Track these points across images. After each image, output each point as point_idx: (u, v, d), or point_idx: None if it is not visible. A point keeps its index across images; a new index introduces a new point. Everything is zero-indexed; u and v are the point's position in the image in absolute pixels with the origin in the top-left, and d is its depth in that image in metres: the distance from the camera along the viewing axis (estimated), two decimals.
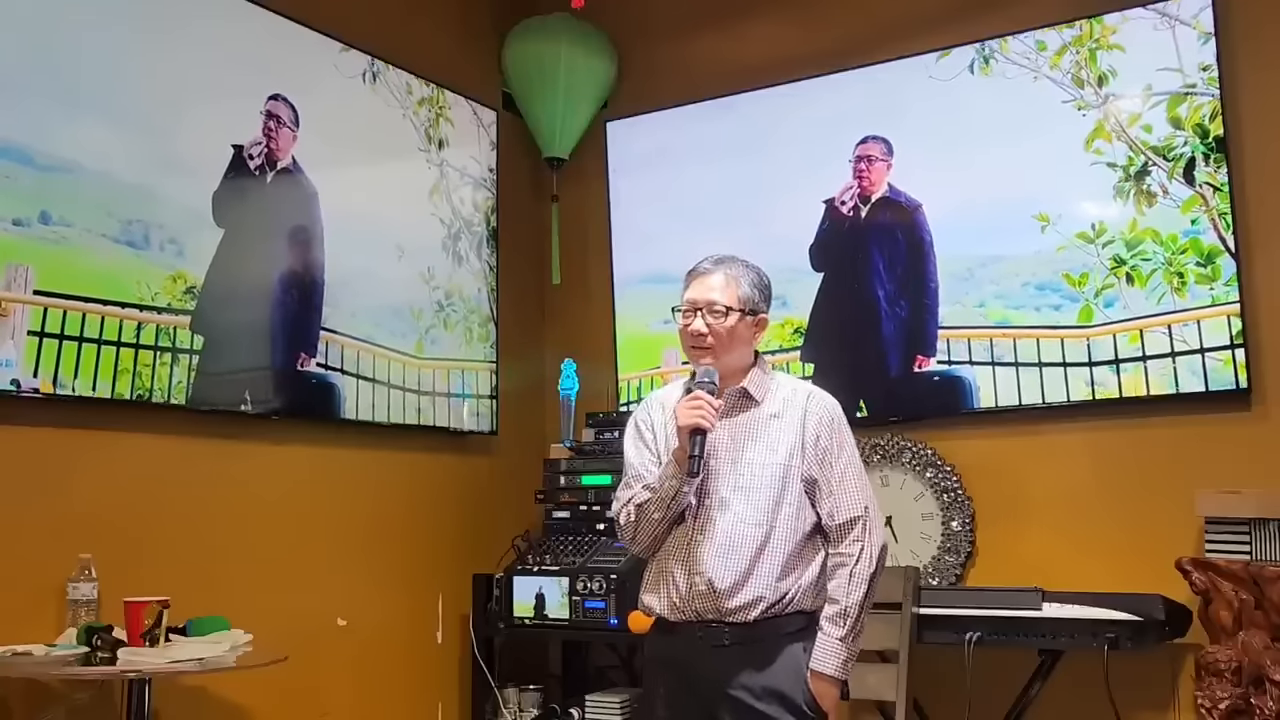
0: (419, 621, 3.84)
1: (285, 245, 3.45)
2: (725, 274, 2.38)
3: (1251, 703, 2.79)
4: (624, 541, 2.47)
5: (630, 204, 4.32)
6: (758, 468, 2.35)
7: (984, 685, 3.04)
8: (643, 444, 2.44)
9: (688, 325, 2.37)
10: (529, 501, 4.06)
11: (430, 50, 4.09)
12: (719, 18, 4.24)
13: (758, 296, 2.40)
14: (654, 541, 2.39)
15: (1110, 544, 3.39)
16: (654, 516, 2.34)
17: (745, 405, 2.40)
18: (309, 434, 3.52)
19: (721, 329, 2.35)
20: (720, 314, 2.35)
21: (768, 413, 2.39)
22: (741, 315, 2.37)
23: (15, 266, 2.72)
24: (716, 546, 2.31)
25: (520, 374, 4.35)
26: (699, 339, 2.35)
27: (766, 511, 2.32)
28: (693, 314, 2.37)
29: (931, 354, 3.70)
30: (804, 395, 2.42)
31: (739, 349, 2.39)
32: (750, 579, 2.29)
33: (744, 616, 2.29)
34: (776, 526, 2.32)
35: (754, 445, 2.37)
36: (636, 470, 2.41)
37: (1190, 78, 3.37)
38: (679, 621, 2.35)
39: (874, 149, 3.87)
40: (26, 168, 2.77)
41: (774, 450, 2.35)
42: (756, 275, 2.43)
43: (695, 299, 2.37)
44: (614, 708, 3.59)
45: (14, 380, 2.71)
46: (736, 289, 2.37)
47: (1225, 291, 3.28)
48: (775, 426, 2.38)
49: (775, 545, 2.31)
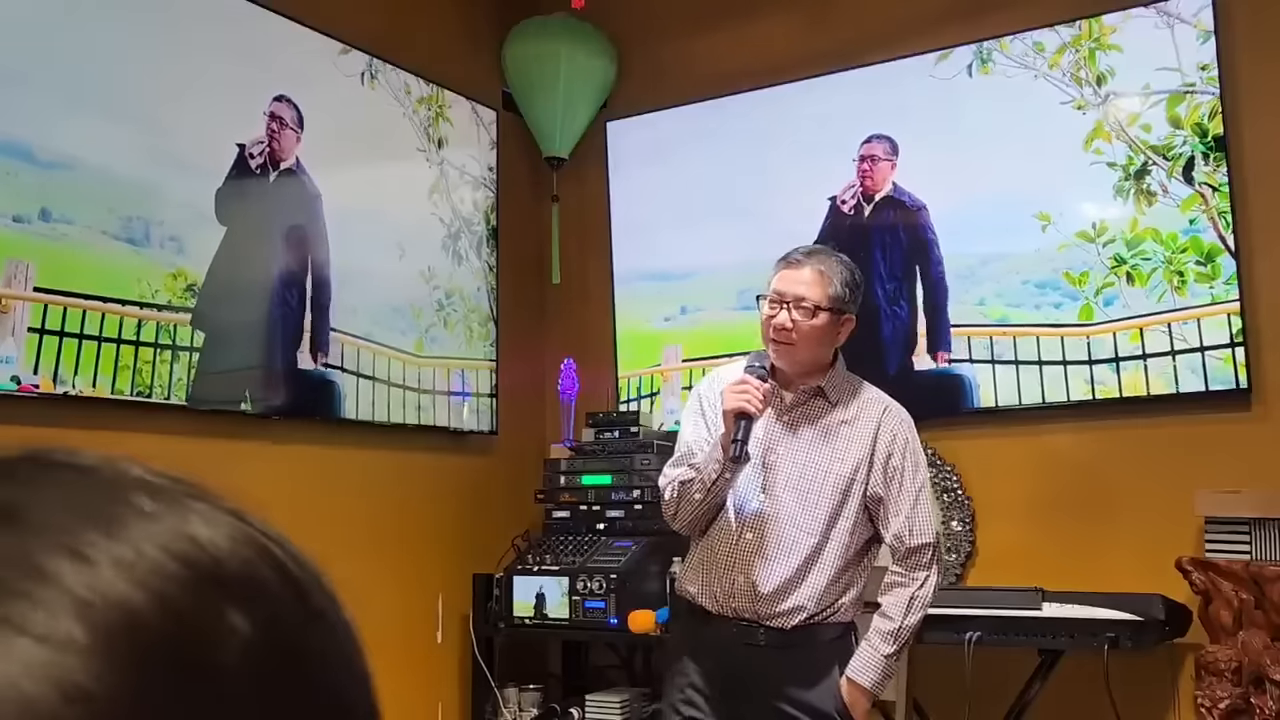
0: (419, 621, 3.83)
1: (286, 244, 3.45)
2: (817, 268, 2.27)
3: (1251, 702, 2.79)
4: (667, 517, 2.38)
5: (630, 203, 4.32)
6: (820, 474, 2.26)
7: (984, 685, 3.04)
8: (702, 421, 2.34)
9: (772, 316, 2.26)
10: (529, 501, 4.06)
11: (430, 50, 4.09)
12: (720, 18, 4.24)
13: (848, 295, 2.30)
14: (694, 522, 2.31)
15: (1110, 544, 3.39)
16: (695, 498, 2.25)
17: (817, 404, 2.32)
18: (309, 433, 3.52)
19: (807, 326, 2.24)
20: (808, 311, 2.24)
21: (839, 417, 2.30)
22: (830, 314, 2.27)
23: (16, 263, 2.72)
24: (766, 548, 2.23)
25: (520, 373, 4.35)
26: (783, 333, 2.25)
27: (823, 522, 2.24)
28: (779, 305, 2.26)
29: (947, 350, 3.68)
30: (880, 407, 2.33)
31: (819, 348, 2.29)
32: (795, 588, 2.22)
33: (783, 623, 2.23)
34: (831, 540, 2.24)
35: (820, 449, 2.28)
36: (689, 447, 2.32)
37: (1189, 77, 3.37)
38: (715, 613, 2.28)
39: (878, 148, 3.86)
40: (27, 164, 2.77)
41: (841, 459, 2.27)
42: (850, 273, 2.32)
43: (784, 291, 2.27)
44: (614, 708, 3.59)
45: (14, 377, 2.71)
46: (828, 286, 2.26)
47: (1225, 290, 3.28)
48: (845, 433, 2.29)
49: (826, 559, 2.24)
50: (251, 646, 0.34)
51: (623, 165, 4.35)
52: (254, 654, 0.34)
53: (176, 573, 0.34)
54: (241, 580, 0.36)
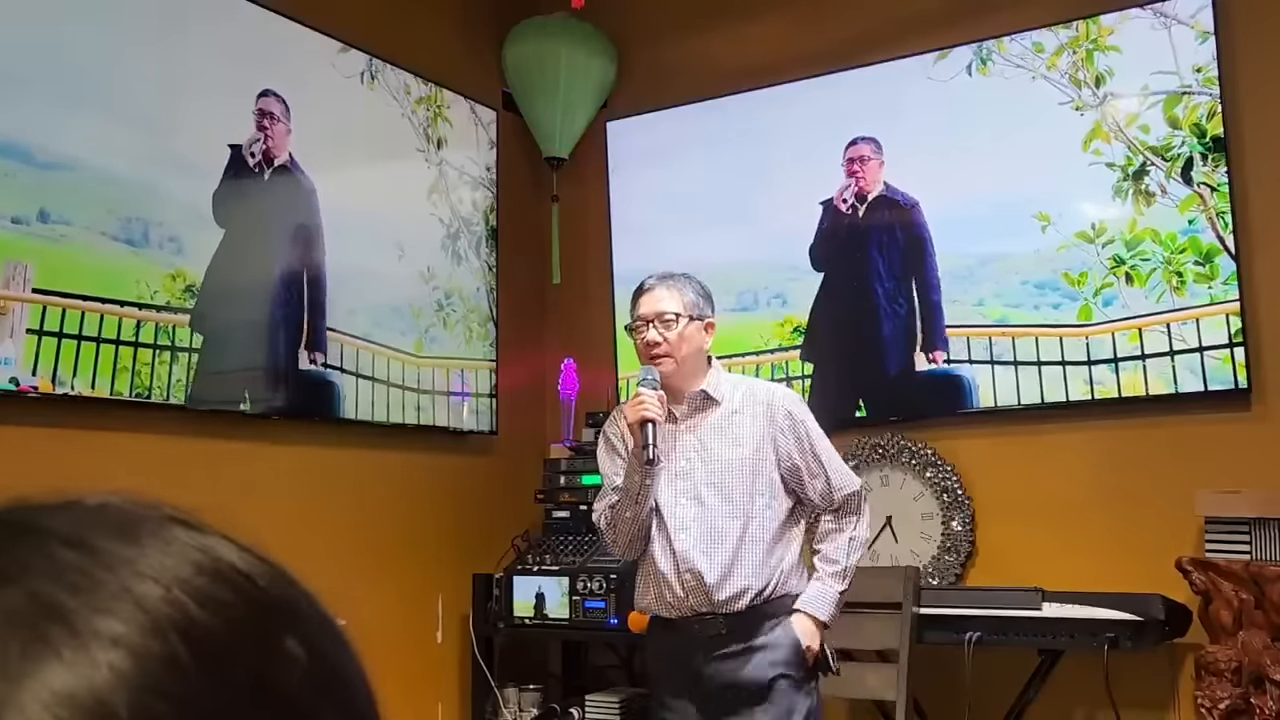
0: (419, 621, 3.83)
1: (284, 243, 3.45)
2: (667, 287, 2.54)
3: (1251, 702, 2.79)
4: (609, 547, 2.61)
5: (630, 203, 4.32)
6: (727, 462, 2.47)
7: (984, 685, 3.04)
8: (615, 454, 2.57)
9: (642, 338, 2.52)
10: (529, 501, 4.06)
11: (429, 50, 4.09)
12: (720, 18, 4.24)
13: (702, 302, 2.56)
14: (633, 542, 2.52)
15: (1110, 544, 3.39)
16: (626, 515, 2.47)
17: (707, 406, 2.53)
18: (308, 433, 3.52)
19: (674, 336, 2.48)
20: (670, 322, 2.49)
21: (729, 410, 2.52)
22: (690, 320, 2.51)
23: (14, 264, 2.72)
24: (699, 541, 2.43)
25: (520, 373, 4.35)
26: (654, 348, 2.49)
27: (741, 504, 2.45)
28: (645, 327, 2.51)
29: (944, 349, 3.69)
30: (764, 391, 2.57)
31: (692, 354, 2.52)
32: (735, 569, 2.42)
33: (735, 606, 2.42)
34: (753, 516, 2.44)
35: (721, 442, 2.49)
36: (609, 478, 2.55)
37: (1187, 78, 3.37)
38: (676, 618, 2.47)
39: (865, 149, 3.87)
40: (26, 165, 2.77)
41: (740, 444, 2.48)
42: (697, 284, 2.59)
43: (645, 313, 2.53)
44: (614, 707, 3.59)
45: (13, 379, 2.71)
46: (681, 297, 2.52)
47: (1224, 290, 3.28)
48: (738, 422, 2.51)
49: (754, 534, 2.44)
50: (308, 673, 0.35)
51: (623, 165, 4.35)
52: (311, 681, 0.35)
53: (232, 599, 0.35)
54: (281, 605, 0.37)
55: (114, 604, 0.32)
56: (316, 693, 0.35)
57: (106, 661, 0.31)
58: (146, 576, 0.33)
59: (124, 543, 0.35)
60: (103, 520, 0.36)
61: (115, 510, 0.37)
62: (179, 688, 0.31)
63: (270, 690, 0.34)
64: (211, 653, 0.33)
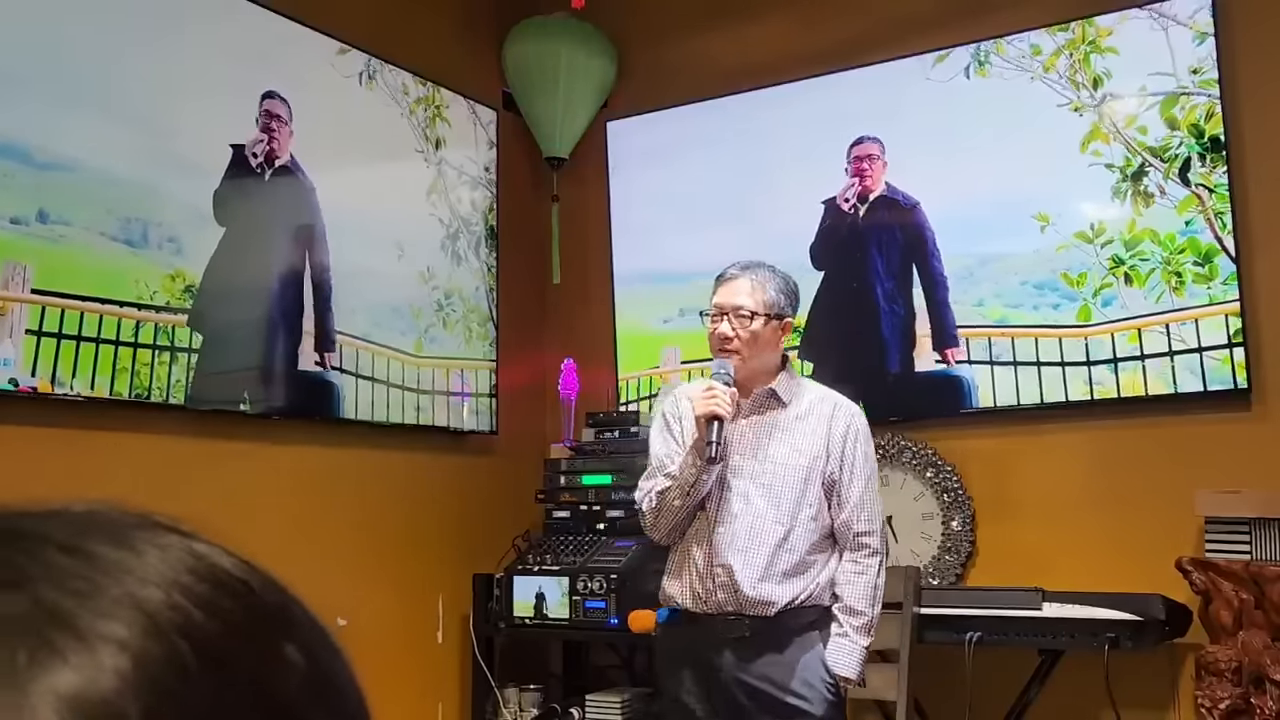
0: (419, 621, 3.83)
1: (284, 244, 3.45)
2: (751, 279, 2.45)
3: (1251, 702, 2.79)
4: (646, 529, 2.54)
5: (630, 203, 4.32)
6: (781, 466, 2.42)
7: (984, 685, 3.04)
8: (669, 435, 2.51)
9: (715, 328, 2.45)
10: (529, 501, 4.06)
11: (429, 50, 4.09)
12: (720, 18, 4.24)
13: (783, 301, 2.47)
14: (674, 530, 2.46)
15: (1110, 544, 3.39)
16: (674, 504, 2.41)
17: (772, 405, 2.47)
18: (308, 433, 3.52)
19: (746, 333, 2.41)
20: (745, 318, 2.42)
21: (794, 414, 2.46)
22: (767, 320, 2.43)
23: (13, 265, 2.72)
24: (738, 540, 2.38)
25: (520, 373, 4.35)
26: (725, 342, 2.43)
27: (789, 510, 2.39)
28: (720, 318, 2.44)
29: (956, 345, 3.68)
30: (831, 402, 2.50)
31: (765, 352, 2.46)
32: (769, 574, 2.37)
33: (764, 611, 2.37)
34: (797, 525, 2.39)
35: (779, 445, 2.43)
36: (660, 460, 2.48)
37: (1184, 79, 3.37)
38: (700, 613, 2.41)
39: (873, 148, 3.87)
40: (25, 165, 2.76)
41: (799, 452, 2.42)
42: (783, 281, 2.49)
43: (722, 304, 2.45)
44: (614, 708, 3.59)
45: (12, 379, 2.70)
46: (762, 294, 2.44)
47: (1223, 291, 3.28)
48: (801, 428, 2.45)
49: (795, 543, 2.38)
50: (305, 679, 0.36)
51: (623, 165, 4.35)
52: (307, 686, 0.36)
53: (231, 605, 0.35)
54: (278, 612, 0.37)
55: (117, 608, 0.33)
56: (312, 698, 0.36)
57: (113, 665, 0.31)
58: (147, 581, 0.34)
59: (120, 548, 0.35)
60: (96, 526, 0.36)
61: (106, 517, 0.37)
62: (183, 690, 0.32)
63: (269, 695, 0.34)
64: (214, 656, 0.33)
